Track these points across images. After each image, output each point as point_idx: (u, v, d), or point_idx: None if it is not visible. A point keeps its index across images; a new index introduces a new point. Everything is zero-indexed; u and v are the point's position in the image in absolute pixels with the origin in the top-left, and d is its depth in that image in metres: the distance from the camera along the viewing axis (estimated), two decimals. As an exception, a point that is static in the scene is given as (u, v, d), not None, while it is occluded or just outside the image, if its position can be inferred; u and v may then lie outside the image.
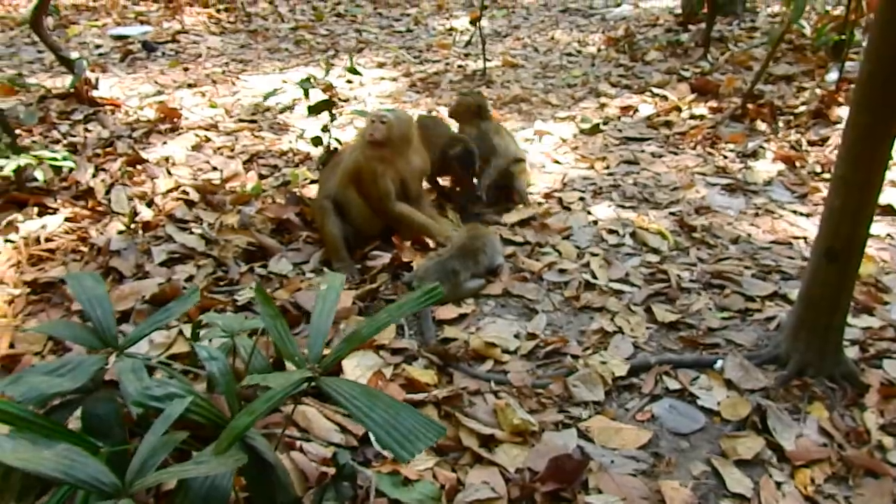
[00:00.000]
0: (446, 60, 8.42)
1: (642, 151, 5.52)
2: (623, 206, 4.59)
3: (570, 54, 8.56)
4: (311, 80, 4.61)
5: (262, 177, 4.99)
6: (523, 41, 9.30)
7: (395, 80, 7.55)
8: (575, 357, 3.10)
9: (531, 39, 9.37)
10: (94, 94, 6.21)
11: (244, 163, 5.21)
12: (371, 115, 3.92)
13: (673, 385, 2.95)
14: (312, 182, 4.75)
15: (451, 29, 10.05)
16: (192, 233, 4.08)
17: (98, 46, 8.59)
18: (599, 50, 8.58)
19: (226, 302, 3.44)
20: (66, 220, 4.22)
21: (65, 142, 5.43)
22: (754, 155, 5.32)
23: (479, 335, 3.23)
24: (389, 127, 3.83)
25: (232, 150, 5.47)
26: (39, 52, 8.01)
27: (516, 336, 3.26)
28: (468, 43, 8.50)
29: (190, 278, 3.69)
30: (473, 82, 7.49)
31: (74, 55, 6.33)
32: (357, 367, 2.93)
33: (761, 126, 5.79)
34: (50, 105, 6.12)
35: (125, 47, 8.47)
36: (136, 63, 8.04)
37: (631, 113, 6.38)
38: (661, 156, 5.44)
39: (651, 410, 2.82)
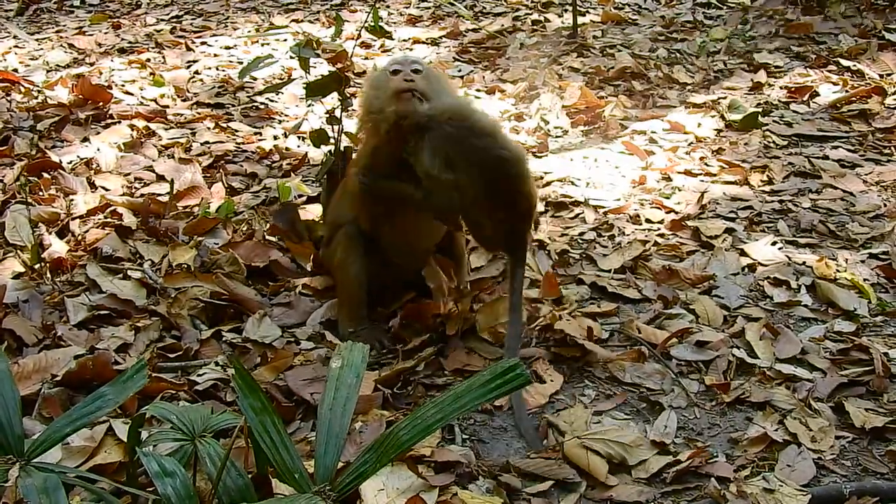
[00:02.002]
0: (515, 13, 8.50)
1: (825, 158, 5.48)
2: (796, 244, 4.56)
3: (708, 4, 8.58)
4: (314, 44, 4.67)
5: (233, 191, 5.08)
6: (635, -16, 9.38)
7: (436, 42, 7.66)
8: (723, 481, 3.06)
9: (647, -18, 9.45)
10: (-21, 64, 6.40)
11: (206, 169, 5.31)
12: None
13: (882, 530, 2.90)
14: (311, 200, 4.80)
15: (523, -35, 10.18)
16: (126, 277, 4.15)
17: (-15, -8, 8.86)
18: (754, -1, 8.60)
19: (179, 385, 3.47)
20: (-64, 256, 4.32)
21: (-67, 138, 5.58)
22: None
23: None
24: None
25: (187, 149, 5.58)
26: None
27: (630, 446, 3.22)
28: (549, -13, 8.61)
29: (124, 347, 3.72)
30: (558, 47, 7.53)
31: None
32: (382, 492, 2.92)
33: None
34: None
35: (26, -7, 8.72)
36: (41, 18, 8.25)
37: (806, 97, 6.36)
38: (854, 165, 5.41)
39: (847, 569, 2.79)
